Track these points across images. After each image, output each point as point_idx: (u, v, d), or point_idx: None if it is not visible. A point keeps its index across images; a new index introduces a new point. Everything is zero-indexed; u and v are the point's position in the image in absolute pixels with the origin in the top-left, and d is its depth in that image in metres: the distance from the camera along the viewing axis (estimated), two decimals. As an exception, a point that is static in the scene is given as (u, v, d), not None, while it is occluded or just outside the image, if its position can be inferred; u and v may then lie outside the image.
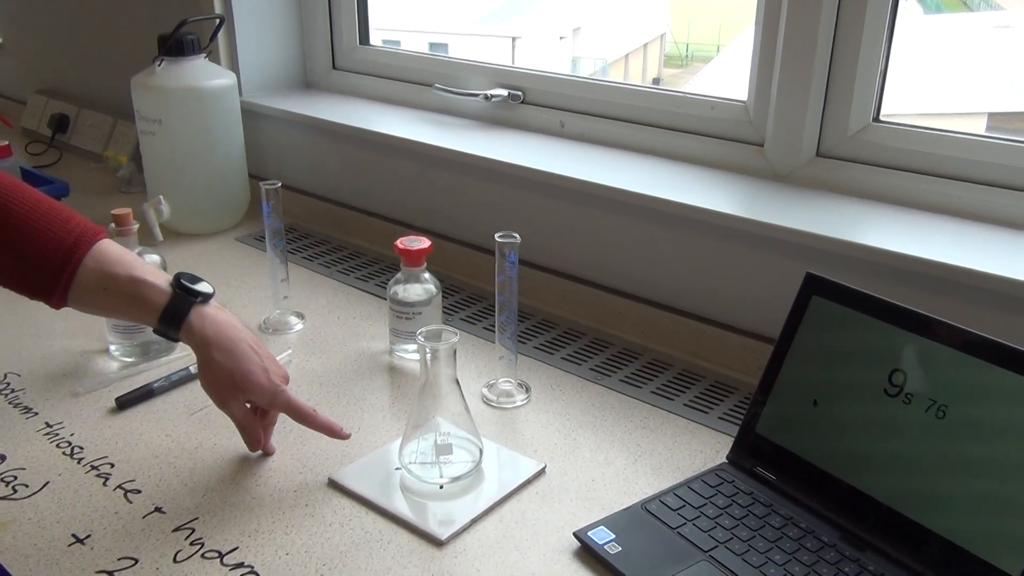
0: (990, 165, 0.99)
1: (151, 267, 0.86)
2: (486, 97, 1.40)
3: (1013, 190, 0.98)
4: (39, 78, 2.17)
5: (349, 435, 0.89)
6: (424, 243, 1.06)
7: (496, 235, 0.94)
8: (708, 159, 1.21)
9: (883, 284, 0.94)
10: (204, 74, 1.42)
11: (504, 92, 1.40)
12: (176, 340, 0.85)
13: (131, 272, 0.83)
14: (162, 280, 0.84)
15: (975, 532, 0.70)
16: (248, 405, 0.87)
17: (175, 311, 0.83)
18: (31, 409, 0.98)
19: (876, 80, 1.05)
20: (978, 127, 1.04)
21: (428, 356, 0.83)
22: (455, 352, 0.84)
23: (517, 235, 0.94)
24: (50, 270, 0.81)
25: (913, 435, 0.75)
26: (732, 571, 0.73)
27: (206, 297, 0.85)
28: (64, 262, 0.81)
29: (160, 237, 1.43)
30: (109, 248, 0.84)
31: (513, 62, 1.41)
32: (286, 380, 0.89)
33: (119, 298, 0.83)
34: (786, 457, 0.83)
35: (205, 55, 1.44)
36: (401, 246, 1.05)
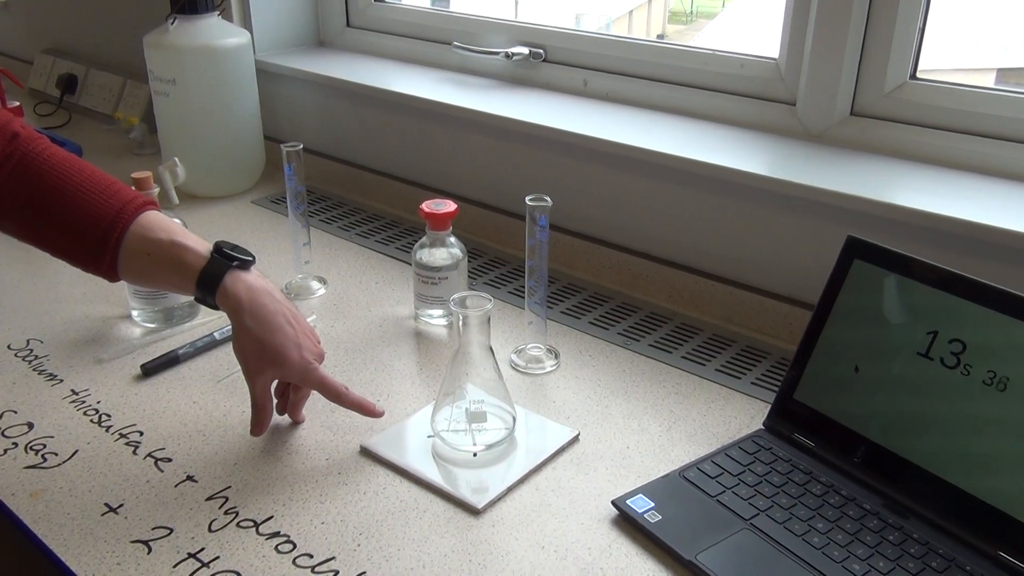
0: (1033, 124, 0.97)
1: (195, 235, 0.85)
2: (507, 55, 1.37)
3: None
4: (45, 37, 2.13)
5: (382, 413, 0.88)
6: (450, 206, 1.04)
7: (527, 198, 0.92)
8: (737, 118, 1.18)
9: (922, 247, 0.92)
10: (218, 32, 1.39)
11: (525, 50, 1.36)
12: (215, 307, 0.83)
13: (173, 237, 0.83)
14: (202, 246, 0.83)
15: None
16: (276, 382, 0.86)
17: (211, 274, 0.81)
18: (56, 376, 0.97)
19: (915, 35, 1.02)
20: (986, 84, 1.01)
21: (461, 323, 0.82)
22: (489, 319, 0.82)
23: (548, 198, 0.92)
24: (98, 236, 0.82)
25: (962, 401, 0.73)
26: (774, 539, 0.72)
27: (244, 263, 0.84)
28: (110, 227, 0.82)
29: (176, 200, 1.41)
30: (156, 217, 0.85)
31: (516, 17, 1.37)
32: (320, 358, 0.86)
33: (161, 263, 0.83)
34: (825, 423, 0.82)
35: (219, 13, 1.41)
36: (427, 210, 1.03)
